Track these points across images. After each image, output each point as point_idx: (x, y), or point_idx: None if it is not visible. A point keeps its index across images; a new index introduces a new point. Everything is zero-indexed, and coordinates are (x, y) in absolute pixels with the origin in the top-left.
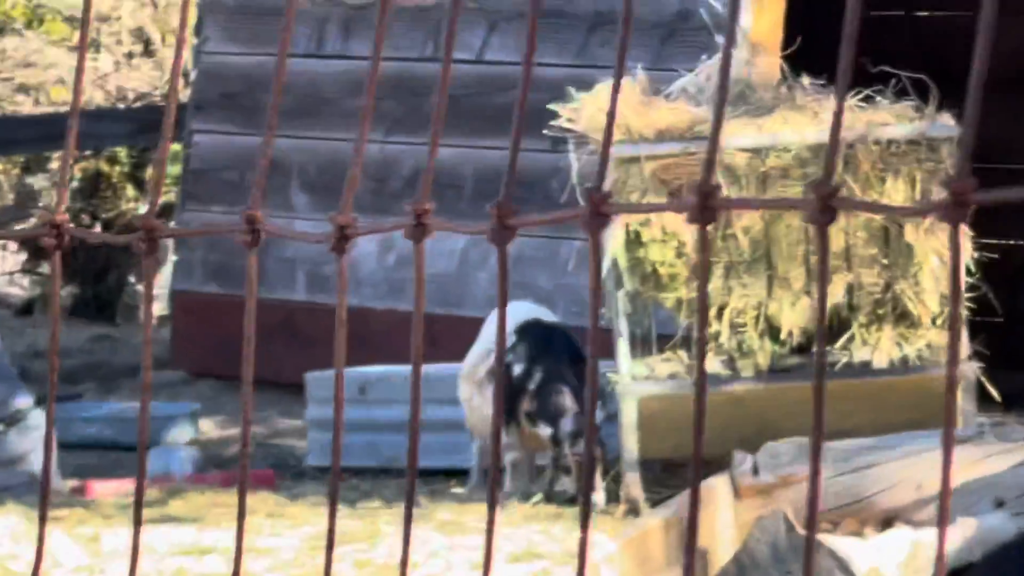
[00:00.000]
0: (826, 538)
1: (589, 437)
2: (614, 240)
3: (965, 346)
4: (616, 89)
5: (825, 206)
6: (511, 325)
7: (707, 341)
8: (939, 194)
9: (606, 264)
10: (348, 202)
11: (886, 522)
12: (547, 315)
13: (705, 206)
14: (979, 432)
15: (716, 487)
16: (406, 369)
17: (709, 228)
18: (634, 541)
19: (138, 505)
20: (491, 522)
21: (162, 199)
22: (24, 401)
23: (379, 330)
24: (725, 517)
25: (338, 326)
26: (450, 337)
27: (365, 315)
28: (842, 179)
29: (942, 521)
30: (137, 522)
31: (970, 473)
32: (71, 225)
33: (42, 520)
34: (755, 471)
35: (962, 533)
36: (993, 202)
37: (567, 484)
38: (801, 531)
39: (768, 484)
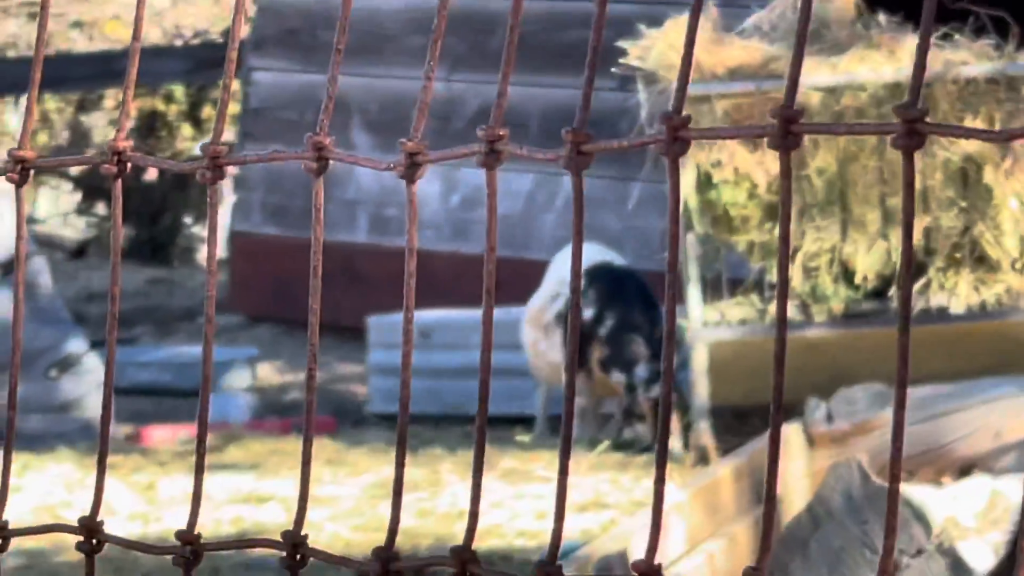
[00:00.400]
0: (902, 487)
1: (667, 383)
2: (684, 182)
3: None
4: (695, 15)
5: (912, 129)
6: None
7: (788, 278)
8: None
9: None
10: (419, 128)
11: (963, 470)
12: (616, 258)
13: (788, 131)
14: None
15: (789, 435)
16: (469, 314)
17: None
18: (704, 490)
19: (200, 452)
20: (564, 471)
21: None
22: (78, 345)
23: (442, 274)
24: (798, 465)
25: (408, 257)
26: (515, 280)
27: (428, 258)
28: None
29: None
30: (199, 469)
31: None
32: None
33: (101, 467)
34: (829, 418)
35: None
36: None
37: (641, 432)
38: (876, 479)
39: (842, 431)
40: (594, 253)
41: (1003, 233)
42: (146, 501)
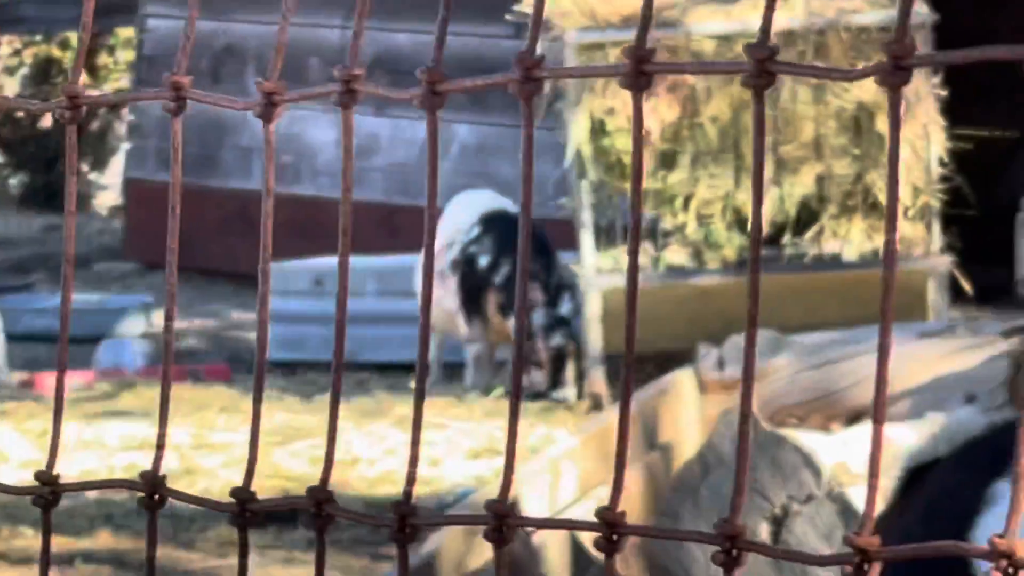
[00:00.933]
0: (791, 433)
1: (520, 326)
2: (577, 129)
3: (937, 239)
4: None
5: (762, 69)
6: (474, 216)
7: (640, 212)
8: (912, 82)
9: (569, 154)
10: (276, 68)
11: (853, 417)
12: (511, 205)
13: (640, 71)
14: (950, 326)
15: (681, 381)
16: (363, 261)
17: (676, 117)
18: (595, 436)
19: (59, 397)
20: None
21: (115, 86)
22: None
23: (336, 221)
24: (690, 411)
25: (264, 197)
26: (411, 227)
27: (322, 205)
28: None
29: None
30: (57, 412)
31: (941, 368)
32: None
33: None
34: (720, 365)
35: (929, 428)
36: (933, 63)
37: (537, 379)
38: (767, 426)
39: (734, 378)
40: (488, 200)
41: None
42: (39, 448)
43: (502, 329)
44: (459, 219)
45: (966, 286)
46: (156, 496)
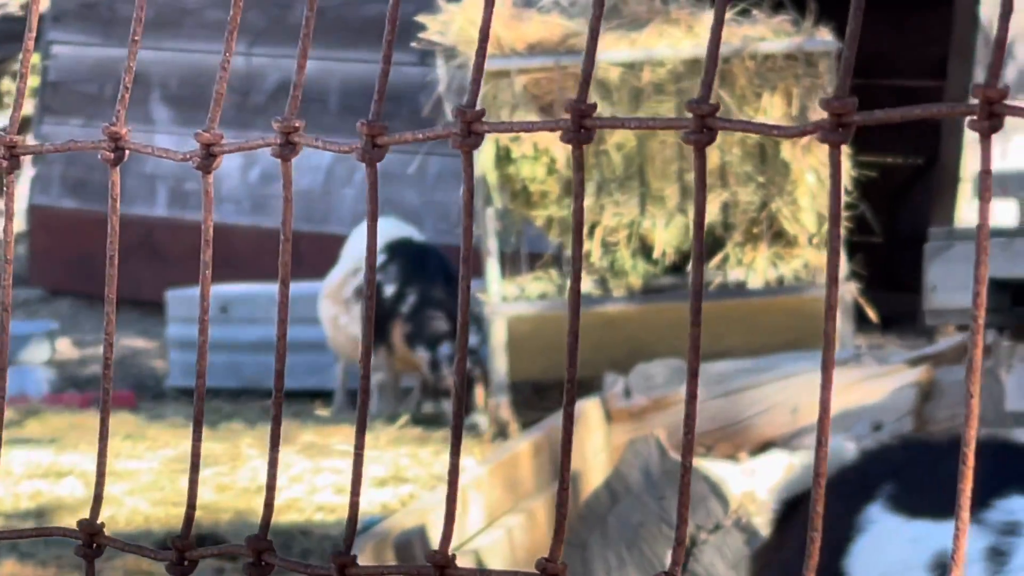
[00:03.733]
0: (700, 462)
1: (460, 360)
2: (483, 156)
3: (843, 267)
4: (489, 1)
5: (703, 125)
6: (379, 244)
7: (581, 263)
8: (818, 112)
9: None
10: (215, 118)
11: (761, 446)
12: (414, 233)
13: (581, 126)
14: (856, 355)
15: (587, 410)
16: (268, 288)
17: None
18: (503, 465)
19: None
20: (360, 446)
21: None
22: None
23: (241, 248)
24: (596, 440)
25: (204, 247)
26: (315, 254)
27: (227, 233)
28: (718, 95)
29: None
30: None
31: (848, 397)
32: None
33: None
34: (627, 393)
35: (803, 459)
36: (876, 122)
37: (446, 407)
38: (674, 455)
39: (640, 407)
40: (393, 228)
41: (800, 208)
42: None
43: (407, 358)
44: (363, 246)
45: (871, 313)
46: (94, 545)
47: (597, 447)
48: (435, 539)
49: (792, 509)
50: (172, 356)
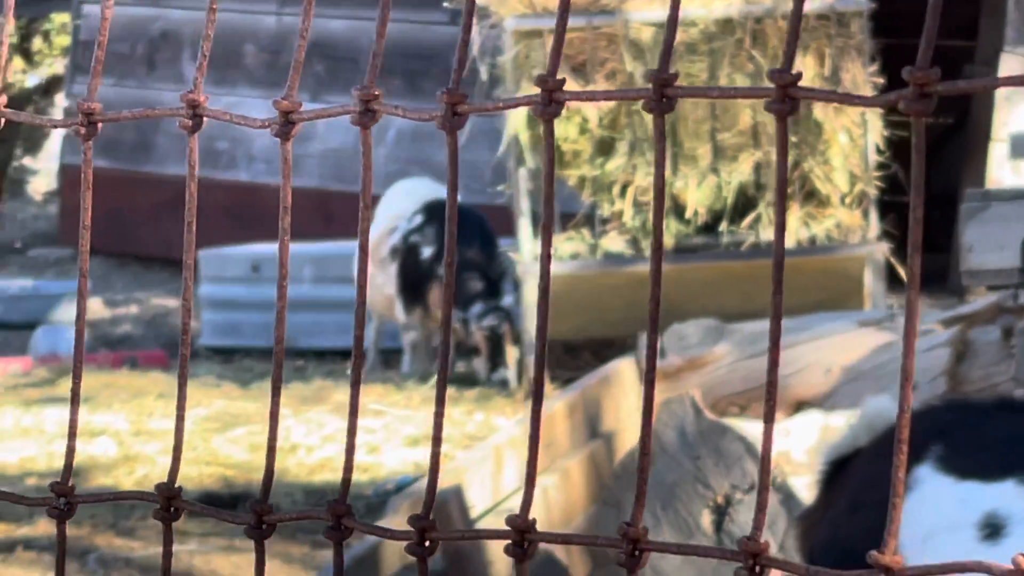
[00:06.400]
0: (734, 422)
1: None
2: (515, 116)
3: (874, 226)
4: None
5: (784, 96)
6: (415, 204)
7: (662, 231)
8: (850, 72)
9: (505, 141)
10: (294, 86)
11: (796, 406)
12: None
13: (663, 95)
14: (890, 315)
15: (621, 370)
16: (299, 247)
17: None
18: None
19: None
20: (439, 410)
21: (50, 71)
22: None
23: (272, 207)
24: (630, 400)
25: (282, 214)
26: (346, 213)
27: (258, 191)
28: (749, 54)
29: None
30: (72, 429)
31: (881, 357)
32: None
33: None
34: (661, 353)
35: (845, 420)
36: (957, 92)
37: (477, 365)
38: (709, 415)
39: (675, 367)
40: (430, 189)
41: (833, 168)
42: None
43: (439, 317)
44: (400, 206)
45: (903, 273)
46: (172, 508)
47: (631, 407)
48: (471, 499)
49: (839, 469)
50: (204, 315)
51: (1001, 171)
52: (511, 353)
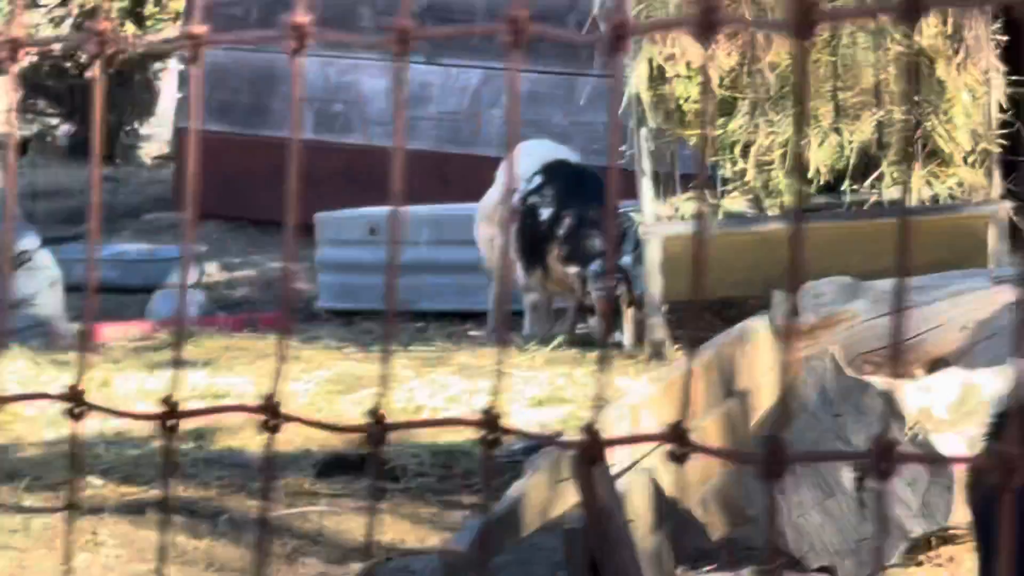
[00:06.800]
0: (875, 379)
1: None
2: (636, 76)
3: (997, 185)
4: None
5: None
6: (534, 165)
7: (801, 189)
8: (972, 30)
9: (625, 101)
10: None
11: (931, 363)
12: (569, 154)
13: (804, 22)
14: (1021, 272)
15: (755, 328)
16: (418, 209)
17: (735, 64)
18: (674, 384)
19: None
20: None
21: (164, 35)
22: (30, 242)
23: (388, 169)
24: (765, 359)
25: (396, 142)
26: (463, 176)
27: (375, 154)
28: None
29: None
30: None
31: (1014, 313)
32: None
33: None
34: (796, 311)
35: (1009, 375)
36: None
37: (592, 325)
38: (850, 372)
39: (809, 325)
40: (549, 150)
41: (955, 127)
42: (103, 399)
43: (562, 279)
44: (520, 167)
45: None
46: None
47: (766, 366)
48: (610, 456)
49: (1008, 420)
50: (321, 278)
51: None
52: (628, 316)
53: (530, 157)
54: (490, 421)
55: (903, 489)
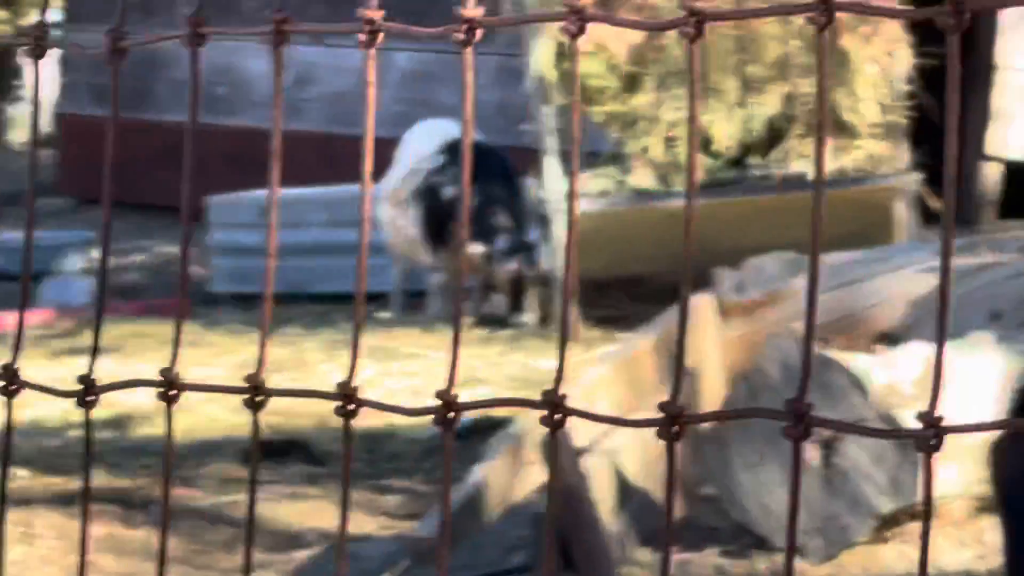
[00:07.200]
0: (840, 355)
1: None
2: (541, 54)
3: (905, 157)
4: None
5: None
6: (437, 144)
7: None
8: None
9: (530, 79)
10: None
11: (877, 336)
12: (475, 134)
13: (697, 20)
14: (971, 243)
15: (700, 305)
16: (308, 192)
17: (641, 39)
18: (626, 364)
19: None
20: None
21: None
22: None
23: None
24: (710, 335)
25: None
26: (350, 157)
27: (261, 136)
28: None
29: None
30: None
31: (962, 286)
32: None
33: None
34: (740, 288)
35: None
36: (995, 6)
37: (497, 303)
38: (816, 348)
39: (754, 301)
40: (451, 129)
41: (860, 99)
42: None
43: (468, 258)
44: (421, 148)
45: (933, 204)
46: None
47: (712, 342)
48: (575, 437)
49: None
50: (215, 261)
51: (1001, 100)
52: (533, 294)
53: (431, 137)
54: (552, 403)
55: (871, 466)
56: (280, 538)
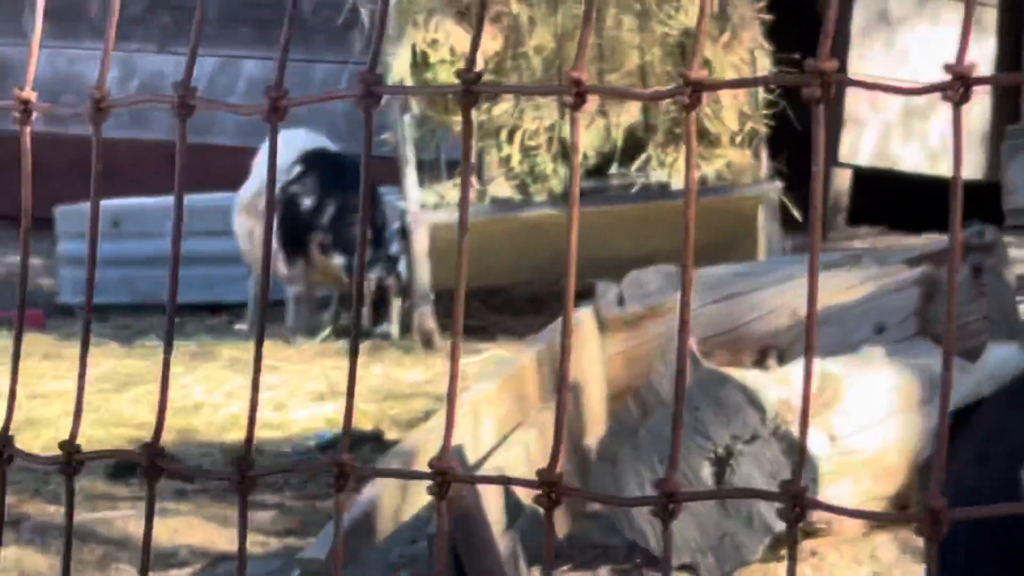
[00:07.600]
0: (734, 371)
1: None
2: (399, 62)
3: (765, 165)
4: None
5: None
6: (292, 155)
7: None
8: (738, 7)
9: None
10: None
11: (761, 351)
12: (327, 143)
13: (468, 90)
14: (854, 256)
15: (581, 319)
16: (160, 201)
17: (500, 48)
18: (510, 379)
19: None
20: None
21: None
22: None
23: (124, 161)
24: (592, 350)
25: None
26: (198, 166)
27: (109, 146)
28: None
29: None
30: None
31: (846, 299)
32: None
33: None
34: (620, 301)
35: (875, 362)
36: (995, 83)
37: (361, 316)
38: (708, 364)
39: (635, 315)
40: (307, 139)
41: (722, 107)
42: None
43: (326, 269)
44: (281, 159)
45: (795, 212)
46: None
47: (593, 357)
48: (467, 455)
49: (959, 420)
50: (63, 272)
51: (853, 106)
52: (395, 305)
53: (287, 147)
54: (548, 483)
55: (766, 482)
56: (153, 556)
